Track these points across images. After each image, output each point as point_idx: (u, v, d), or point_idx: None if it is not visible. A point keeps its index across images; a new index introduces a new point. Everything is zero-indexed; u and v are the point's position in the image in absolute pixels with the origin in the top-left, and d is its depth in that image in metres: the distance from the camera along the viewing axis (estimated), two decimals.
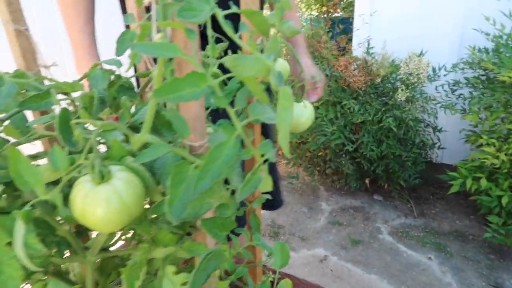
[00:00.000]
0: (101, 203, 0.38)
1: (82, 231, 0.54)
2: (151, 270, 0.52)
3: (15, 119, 0.54)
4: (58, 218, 0.46)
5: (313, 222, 2.46)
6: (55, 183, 0.41)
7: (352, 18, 2.72)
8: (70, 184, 0.40)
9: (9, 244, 0.41)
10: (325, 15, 3.09)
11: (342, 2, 3.17)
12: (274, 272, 0.71)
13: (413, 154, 2.28)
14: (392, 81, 2.23)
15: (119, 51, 0.56)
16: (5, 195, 0.42)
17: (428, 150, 2.44)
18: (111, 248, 0.56)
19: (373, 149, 2.20)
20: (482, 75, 2.14)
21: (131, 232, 0.60)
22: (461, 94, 2.22)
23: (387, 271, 2.01)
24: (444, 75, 2.23)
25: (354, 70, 2.22)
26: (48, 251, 0.46)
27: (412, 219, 2.42)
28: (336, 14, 3.18)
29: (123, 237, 0.57)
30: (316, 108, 2.26)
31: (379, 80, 2.18)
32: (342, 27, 2.56)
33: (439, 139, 2.44)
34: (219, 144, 0.32)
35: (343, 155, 2.36)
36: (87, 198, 0.38)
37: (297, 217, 2.52)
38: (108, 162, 0.41)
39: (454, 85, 2.20)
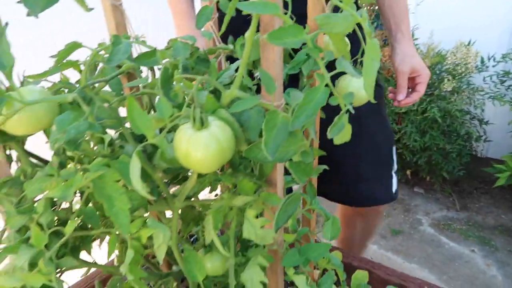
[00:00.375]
0: (202, 146, 0.44)
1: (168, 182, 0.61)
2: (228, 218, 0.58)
3: (112, 83, 0.62)
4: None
5: None
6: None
7: None
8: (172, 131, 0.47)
9: (118, 182, 0.48)
10: (368, 6, 3.07)
11: None
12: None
13: (458, 146, 2.24)
14: (438, 72, 2.20)
15: (199, 24, 0.62)
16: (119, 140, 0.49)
17: (473, 142, 2.39)
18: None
19: (416, 139, 2.18)
20: None
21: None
22: (511, 85, 2.16)
23: (428, 262, 2.00)
24: (493, 66, 2.17)
25: None
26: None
27: (454, 212, 2.39)
28: None
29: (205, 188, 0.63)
30: None
31: None
32: None
33: (485, 132, 2.38)
34: (313, 89, 0.38)
35: None
36: (190, 141, 0.44)
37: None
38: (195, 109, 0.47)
39: (503, 76, 2.14)
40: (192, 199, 0.60)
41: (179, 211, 0.60)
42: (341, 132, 0.41)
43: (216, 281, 0.67)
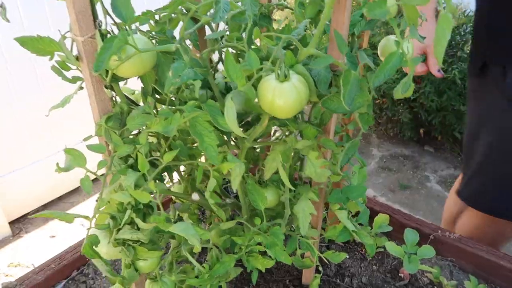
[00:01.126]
0: (286, 95, 0.52)
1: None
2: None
3: (192, 36, 0.69)
4: None
5: None
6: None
7: None
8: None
9: (209, 122, 0.57)
10: None
11: None
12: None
13: None
14: (463, 33, 2.21)
15: None
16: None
17: None
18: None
19: (433, 99, 2.24)
20: None
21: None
22: None
23: (433, 215, 2.14)
24: None
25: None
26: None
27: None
28: None
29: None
30: None
31: None
32: None
33: None
34: (391, 53, 0.45)
35: (401, 104, 2.42)
36: (276, 91, 0.53)
37: None
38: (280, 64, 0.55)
39: None
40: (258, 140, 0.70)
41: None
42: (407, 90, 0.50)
43: (270, 213, 0.79)
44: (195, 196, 0.72)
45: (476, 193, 1.19)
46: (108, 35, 0.55)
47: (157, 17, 0.62)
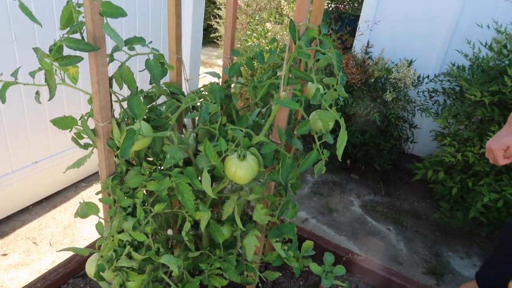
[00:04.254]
0: (244, 170, 0.78)
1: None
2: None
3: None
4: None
5: (298, 191, 2.93)
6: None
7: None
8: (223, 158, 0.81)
9: (188, 184, 0.81)
10: (333, 10, 3.43)
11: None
12: (281, 221, 1.13)
13: (390, 145, 2.74)
14: (383, 82, 2.65)
15: None
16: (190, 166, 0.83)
17: (403, 142, 2.91)
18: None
19: (358, 136, 2.64)
20: (457, 86, 2.58)
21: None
22: (437, 100, 2.66)
23: (354, 235, 2.52)
24: (426, 83, 2.66)
25: (353, 68, 2.62)
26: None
27: (380, 197, 2.93)
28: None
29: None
30: None
31: (372, 80, 2.60)
32: (350, 29, 2.93)
33: (413, 134, 2.91)
34: (310, 154, 0.74)
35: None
36: (238, 167, 0.79)
37: None
38: (240, 148, 0.82)
39: (432, 92, 2.64)
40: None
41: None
42: None
43: (225, 244, 1.04)
44: (170, 231, 0.95)
45: None
46: (120, 122, 0.78)
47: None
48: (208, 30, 5.54)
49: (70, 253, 1.36)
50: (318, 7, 0.98)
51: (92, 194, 2.62)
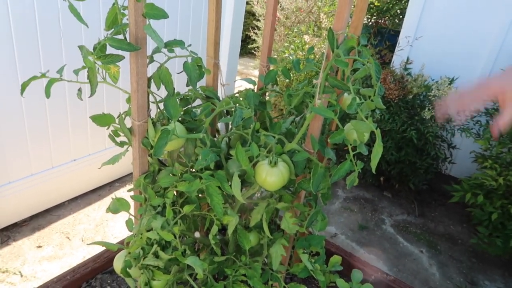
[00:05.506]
0: (274, 176, 0.78)
1: None
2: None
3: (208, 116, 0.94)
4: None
5: (328, 205, 2.87)
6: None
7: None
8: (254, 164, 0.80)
9: (218, 187, 0.81)
10: (373, 24, 3.39)
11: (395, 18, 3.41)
12: (310, 233, 1.10)
13: (426, 164, 2.65)
14: (422, 99, 2.57)
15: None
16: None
17: (440, 162, 2.80)
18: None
19: (393, 153, 2.57)
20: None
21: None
22: (479, 120, 2.55)
23: (384, 255, 2.43)
24: None
25: (391, 83, 2.56)
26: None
27: (413, 217, 2.82)
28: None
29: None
30: None
31: (411, 96, 2.53)
32: (389, 44, 2.88)
33: (451, 154, 2.80)
34: (344, 164, 0.72)
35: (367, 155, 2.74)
36: (268, 173, 0.78)
37: None
38: (272, 155, 0.81)
39: (474, 113, 2.54)
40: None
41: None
42: None
43: (250, 250, 1.03)
44: (197, 234, 0.95)
45: None
46: (156, 122, 0.79)
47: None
48: (246, 41, 5.61)
49: (100, 250, 1.40)
50: (358, 17, 0.97)
51: (125, 193, 2.69)
